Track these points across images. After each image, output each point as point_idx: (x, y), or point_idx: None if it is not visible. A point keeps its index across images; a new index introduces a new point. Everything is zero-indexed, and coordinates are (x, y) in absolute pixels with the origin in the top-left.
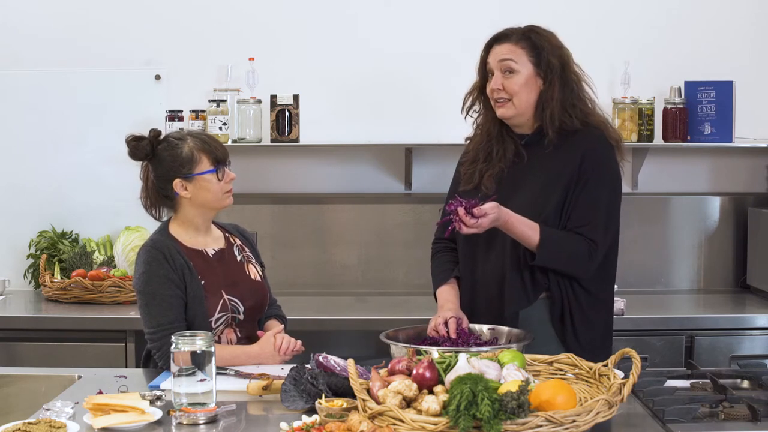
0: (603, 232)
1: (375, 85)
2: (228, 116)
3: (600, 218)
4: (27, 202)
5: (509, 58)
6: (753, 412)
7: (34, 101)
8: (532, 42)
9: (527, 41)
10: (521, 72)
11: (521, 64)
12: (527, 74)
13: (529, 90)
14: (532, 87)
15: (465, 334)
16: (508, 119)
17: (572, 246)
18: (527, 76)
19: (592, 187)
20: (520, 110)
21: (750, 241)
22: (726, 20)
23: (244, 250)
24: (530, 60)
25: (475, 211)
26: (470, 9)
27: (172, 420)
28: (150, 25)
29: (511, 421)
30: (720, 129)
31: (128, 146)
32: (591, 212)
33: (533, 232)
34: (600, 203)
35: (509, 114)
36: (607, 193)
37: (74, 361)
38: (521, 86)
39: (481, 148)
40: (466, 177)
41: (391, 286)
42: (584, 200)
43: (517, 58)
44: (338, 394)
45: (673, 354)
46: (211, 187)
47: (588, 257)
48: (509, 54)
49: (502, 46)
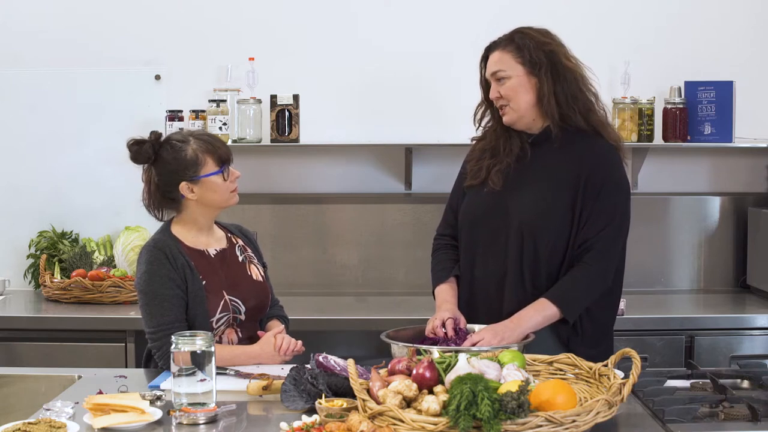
0: (616, 237)
1: (375, 85)
2: (228, 116)
3: (613, 225)
4: (27, 202)
5: (498, 66)
6: (753, 412)
7: (34, 101)
8: (516, 44)
9: (512, 44)
10: (512, 76)
11: (510, 68)
12: (518, 76)
13: (525, 91)
14: (527, 88)
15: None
16: (513, 124)
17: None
18: (518, 78)
19: (604, 196)
20: (520, 113)
21: (750, 241)
22: (726, 20)
23: (246, 250)
24: (518, 62)
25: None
26: (470, 9)
27: (172, 420)
28: (150, 25)
29: (511, 421)
30: (720, 129)
31: (130, 150)
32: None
33: (548, 308)
34: (613, 211)
35: (512, 119)
36: (619, 200)
37: (74, 361)
38: (515, 90)
39: (489, 146)
40: (472, 173)
41: (391, 286)
42: (599, 210)
43: (505, 63)
44: (338, 394)
45: (673, 354)
46: (217, 188)
47: (602, 280)
48: (498, 61)
49: (492, 55)
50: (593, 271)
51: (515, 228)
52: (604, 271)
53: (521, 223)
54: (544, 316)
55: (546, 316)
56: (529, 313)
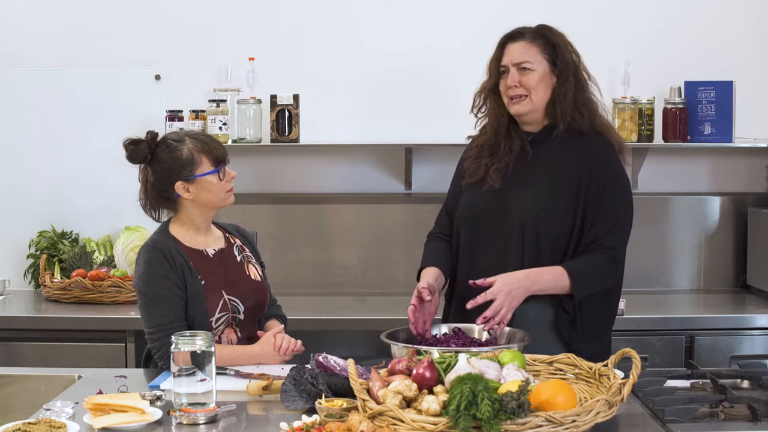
0: (621, 233)
1: (375, 84)
2: (228, 116)
3: (619, 222)
4: (27, 202)
5: (525, 57)
6: (753, 412)
7: (34, 101)
8: (546, 39)
9: (542, 38)
10: (537, 69)
11: (536, 61)
12: (542, 71)
13: (545, 86)
14: (547, 84)
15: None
16: (522, 115)
17: (599, 267)
18: (542, 72)
19: (608, 196)
20: (536, 106)
21: (750, 241)
22: (726, 20)
23: (244, 250)
24: (545, 57)
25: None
26: (470, 9)
27: (172, 420)
28: (150, 25)
29: (511, 421)
30: (720, 129)
31: (126, 150)
32: (612, 218)
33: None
34: (618, 210)
35: (525, 110)
36: (623, 198)
37: (74, 361)
38: (538, 82)
39: (487, 144)
40: (470, 171)
41: (391, 286)
42: (605, 210)
43: (533, 55)
44: (338, 394)
45: (673, 354)
46: (213, 187)
47: (614, 268)
48: (525, 52)
49: (516, 43)
50: (608, 261)
51: (516, 226)
52: (617, 263)
53: (522, 221)
54: (557, 285)
55: (558, 286)
56: (547, 277)
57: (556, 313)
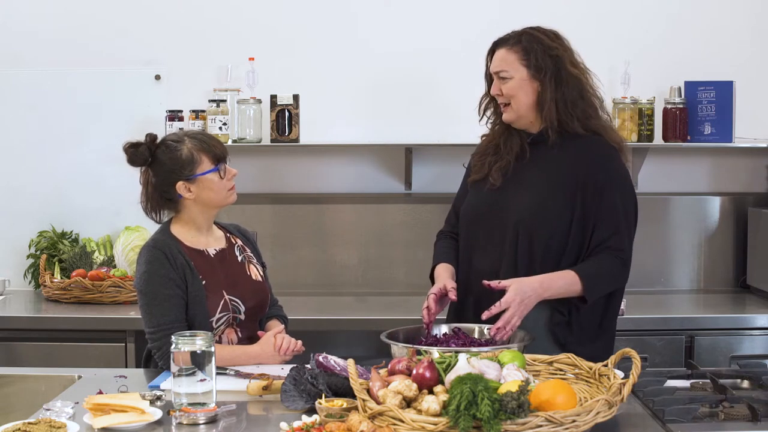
0: (627, 235)
1: (375, 85)
2: (228, 116)
3: (623, 223)
4: (27, 202)
5: (502, 66)
6: (753, 412)
7: (34, 101)
8: (523, 46)
9: (519, 45)
10: (514, 76)
11: (513, 69)
12: (520, 78)
13: (526, 93)
14: (528, 89)
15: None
16: (512, 122)
17: (609, 269)
18: (520, 79)
19: (608, 197)
20: (519, 113)
21: (750, 241)
22: (726, 20)
23: (245, 250)
24: (523, 64)
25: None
26: (470, 9)
27: (172, 420)
28: (150, 25)
29: (511, 421)
30: (720, 129)
31: (126, 153)
32: (615, 220)
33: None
34: (620, 209)
35: (511, 118)
36: (624, 199)
37: (74, 361)
38: (516, 90)
39: (492, 142)
40: (476, 167)
41: (391, 286)
42: (606, 212)
43: (509, 64)
44: (338, 394)
45: (673, 354)
46: (214, 186)
47: (624, 269)
48: (502, 61)
49: (498, 51)
50: (618, 262)
51: (511, 226)
52: (625, 263)
53: (517, 221)
54: (569, 290)
55: (570, 290)
56: (558, 283)
57: (552, 314)
